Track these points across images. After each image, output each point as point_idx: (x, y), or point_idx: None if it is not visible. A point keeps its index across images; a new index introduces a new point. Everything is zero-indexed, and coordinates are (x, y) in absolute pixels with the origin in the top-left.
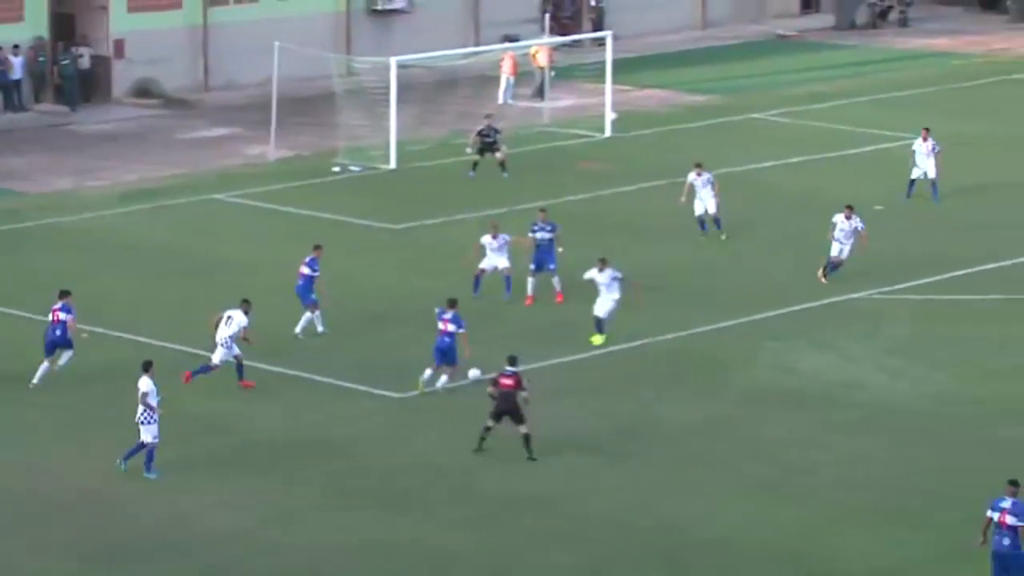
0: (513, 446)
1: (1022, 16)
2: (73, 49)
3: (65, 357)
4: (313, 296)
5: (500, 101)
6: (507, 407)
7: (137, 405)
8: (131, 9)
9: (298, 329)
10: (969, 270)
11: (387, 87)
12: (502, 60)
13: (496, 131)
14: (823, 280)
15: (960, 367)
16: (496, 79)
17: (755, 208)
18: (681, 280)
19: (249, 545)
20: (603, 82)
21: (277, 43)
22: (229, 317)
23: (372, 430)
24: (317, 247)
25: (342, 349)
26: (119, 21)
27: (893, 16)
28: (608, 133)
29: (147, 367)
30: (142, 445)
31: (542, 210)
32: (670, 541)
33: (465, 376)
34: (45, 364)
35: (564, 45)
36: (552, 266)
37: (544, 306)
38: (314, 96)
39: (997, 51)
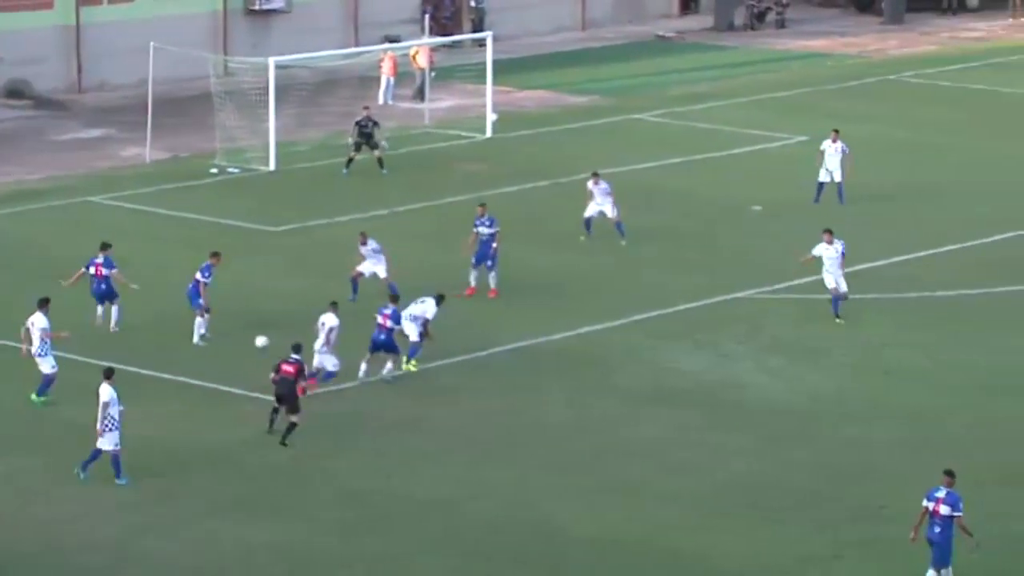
0: (394, 449)
1: (895, 18)
2: None
3: (115, 312)
4: (200, 301)
5: (381, 102)
6: (284, 392)
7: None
8: (1, 8)
9: (195, 339)
10: (854, 268)
11: (265, 87)
12: (382, 60)
13: (375, 123)
14: (838, 321)
15: (839, 367)
16: (376, 79)
17: (637, 209)
18: (564, 281)
19: (121, 555)
20: (484, 83)
21: (152, 43)
22: (322, 323)
23: (250, 435)
24: (215, 254)
25: (221, 353)
26: None
27: (770, 18)
28: (489, 134)
29: (108, 374)
30: (99, 452)
31: (481, 205)
32: (549, 541)
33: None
34: (100, 309)
35: (444, 46)
36: (490, 262)
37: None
38: (191, 97)
39: (872, 52)
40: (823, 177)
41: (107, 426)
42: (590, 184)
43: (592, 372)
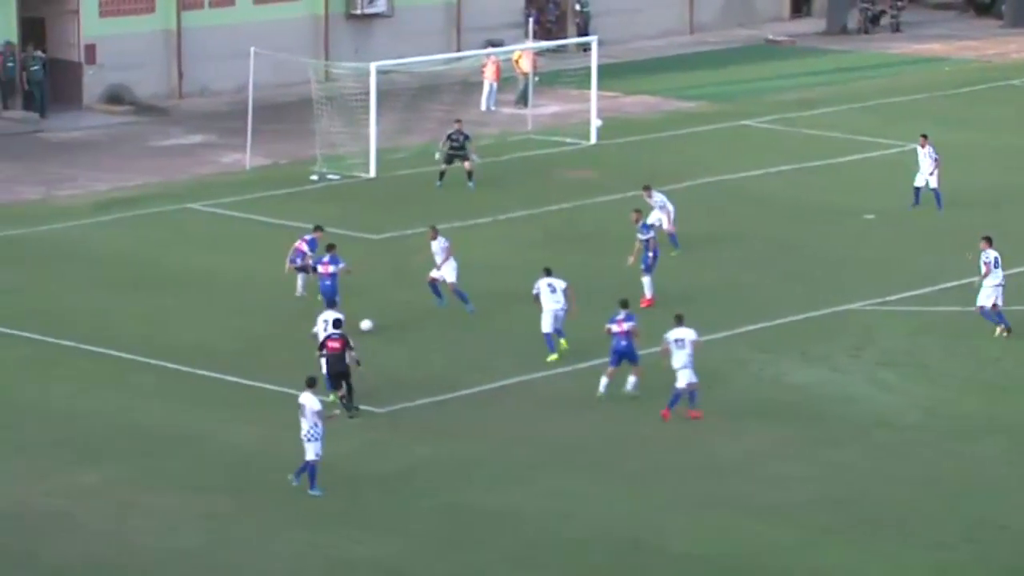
0: (497, 460)
1: (1015, 21)
2: (39, 53)
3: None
4: (298, 261)
5: (483, 108)
6: (338, 368)
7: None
8: (103, 13)
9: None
10: (963, 281)
11: (366, 93)
12: (485, 65)
13: (466, 137)
14: (1006, 335)
15: (953, 380)
16: (479, 85)
17: (745, 217)
18: (665, 292)
19: (212, 566)
20: (588, 88)
21: (253, 48)
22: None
23: (349, 447)
24: (318, 228)
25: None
26: (91, 25)
27: (885, 21)
28: (593, 140)
29: (311, 383)
30: (309, 463)
31: (636, 210)
32: (648, 557)
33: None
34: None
35: (548, 50)
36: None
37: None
38: (291, 103)
39: (991, 56)
40: (919, 182)
41: (311, 435)
42: (645, 197)
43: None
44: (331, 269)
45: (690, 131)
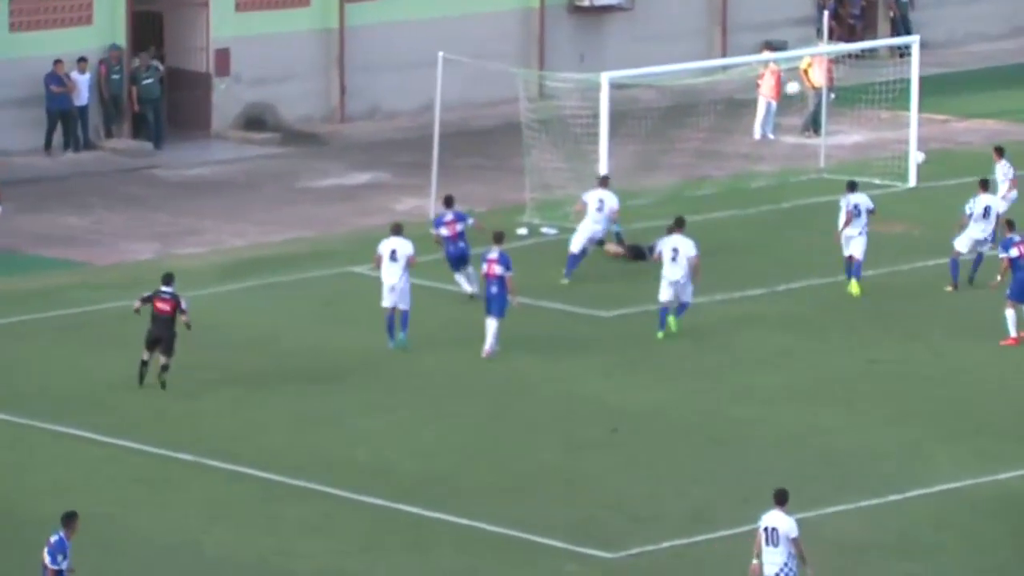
0: None
1: None
2: (155, 63)
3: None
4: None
5: (757, 135)
6: (162, 333)
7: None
8: (240, 7)
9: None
10: None
11: (596, 115)
12: (761, 77)
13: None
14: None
15: None
16: (752, 103)
17: None
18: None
19: None
20: (907, 109)
21: (441, 53)
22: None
23: None
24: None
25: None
26: (223, 24)
27: None
28: (913, 182)
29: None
30: None
31: None
32: None
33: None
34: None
35: (850, 56)
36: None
37: None
38: (493, 128)
39: None
40: None
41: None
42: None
43: None
44: (458, 228)
45: None
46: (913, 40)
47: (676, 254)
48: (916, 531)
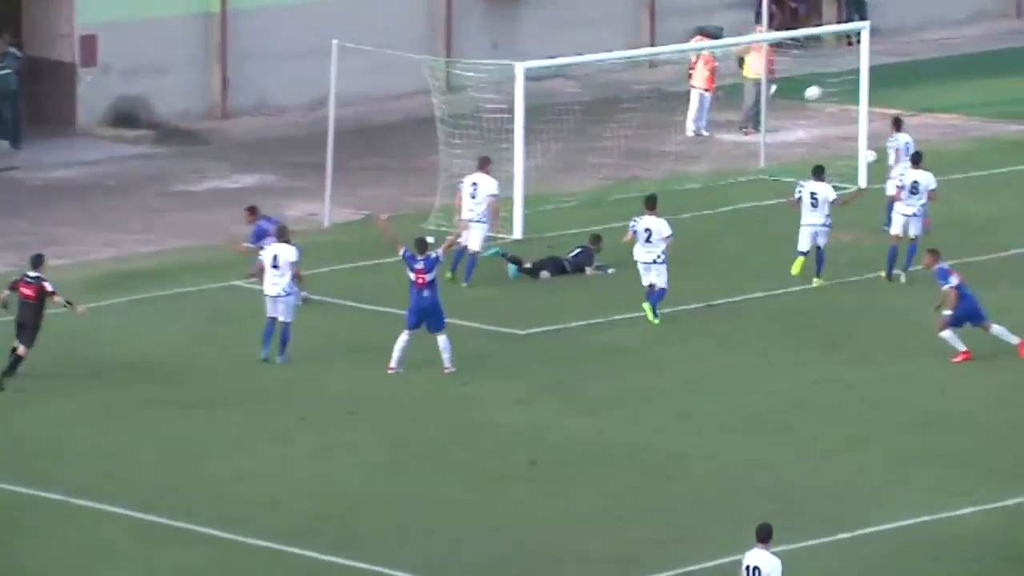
0: None
1: None
2: (13, 51)
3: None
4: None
5: (689, 131)
6: (27, 320)
7: None
8: None
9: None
10: None
11: (509, 110)
12: (693, 67)
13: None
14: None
15: None
16: (683, 97)
17: None
18: None
19: None
20: (855, 103)
21: (336, 41)
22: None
23: None
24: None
25: None
26: (90, 7)
27: None
28: (864, 183)
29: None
30: None
31: (930, 251)
32: None
33: None
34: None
35: (792, 43)
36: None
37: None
38: (394, 124)
39: None
40: None
41: None
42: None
43: None
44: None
45: (1013, 170)
46: (863, 26)
47: (649, 234)
48: (869, 574)
